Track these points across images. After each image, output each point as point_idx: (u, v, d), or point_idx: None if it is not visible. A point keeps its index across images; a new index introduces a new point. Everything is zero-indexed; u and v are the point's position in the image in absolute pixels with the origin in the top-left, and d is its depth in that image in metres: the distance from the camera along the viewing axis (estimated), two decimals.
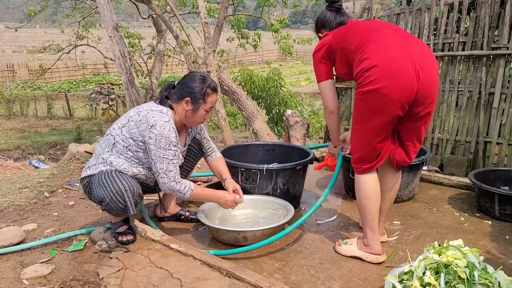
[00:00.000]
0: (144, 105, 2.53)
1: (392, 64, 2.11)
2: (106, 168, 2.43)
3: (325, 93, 2.49)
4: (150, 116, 2.39)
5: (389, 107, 2.15)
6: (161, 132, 2.36)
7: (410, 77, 2.11)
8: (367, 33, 2.28)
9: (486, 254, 2.47)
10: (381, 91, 2.11)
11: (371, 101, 2.17)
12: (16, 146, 11.74)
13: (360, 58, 2.19)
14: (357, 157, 2.36)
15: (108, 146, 2.48)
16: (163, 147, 2.37)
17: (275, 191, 3.01)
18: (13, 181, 3.96)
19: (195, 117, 2.54)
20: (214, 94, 2.54)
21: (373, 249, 2.39)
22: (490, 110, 4.11)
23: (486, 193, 3.01)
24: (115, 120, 2.62)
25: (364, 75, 2.15)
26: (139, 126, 2.41)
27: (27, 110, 16.88)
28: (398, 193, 3.20)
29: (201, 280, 2.09)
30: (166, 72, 23.96)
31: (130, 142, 2.44)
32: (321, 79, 2.49)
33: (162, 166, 2.39)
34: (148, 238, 2.53)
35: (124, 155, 2.46)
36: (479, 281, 1.67)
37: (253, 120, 6.19)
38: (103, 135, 2.76)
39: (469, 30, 4.15)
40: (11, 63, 27.04)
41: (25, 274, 2.23)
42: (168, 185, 2.42)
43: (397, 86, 2.11)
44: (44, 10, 12.20)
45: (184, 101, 2.48)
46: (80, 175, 2.57)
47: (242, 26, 11.82)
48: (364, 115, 2.24)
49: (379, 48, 2.16)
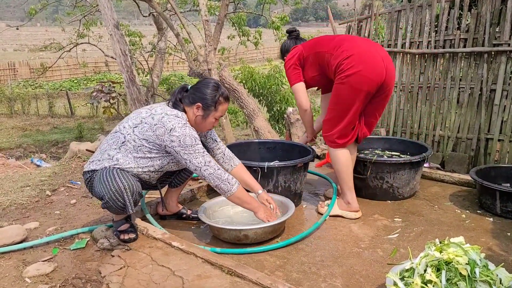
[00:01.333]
0: (157, 108, 2.49)
1: (366, 54, 2.67)
2: (110, 164, 2.42)
3: (299, 94, 3.00)
4: (167, 121, 2.38)
5: (367, 85, 2.66)
6: (183, 132, 2.35)
7: (380, 65, 2.68)
8: (338, 37, 2.87)
9: (488, 251, 2.47)
10: (360, 73, 2.63)
11: (352, 83, 2.65)
12: (17, 144, 11.76)
13: (337, 53, 2.72)
14: (334, 133, 2.82)
15: (117, 143, 2.46)
16: (190, 145, 2.36)
17: (276, 189, 3.01)
18: (15, 179, 3.97)
19: (204, 124, 2.54)
20: (226, 103, 2.56)
21: (352, 207, 2.95)
22: (491, 107, 4.11)
23: (488, 190, 3.00)
24: (120, 118, 2.61)
25: (344, 63, 2.66)
26: (155, 130, 2.39)
27: (29, 108, 16.90)
28: (399, 190, 3.22)
29: (202, 278, 2.10)
30: (167, 70, 23.94)
31: (143, 143, 2.43)
32: (294, 82, 2.99)
33: (200, 160, 2.38)
34: (150, 236, 2.54)
35: (132, 154, 2.44)
36: (480, 278, 1.67)
37: (254, 118, 6.18)
38: (104, 133, 2.76)
39: (470, 26, 4.14)
40: (12, 62, 27.04)
41: (27, 273, 2.24)
42: (215, 174, 2.40)
43: (372, 70, 2.65)
44: (45, 9, 12.18)
45: (195, 106, 2.48)
46: (83, 170, 2.57)
47: (243, 24, 11.80)
48: (345, 96, 2.70)
49: (353, 45, 2.71)
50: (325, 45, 2.84)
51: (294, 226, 2.85)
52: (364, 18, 5.04)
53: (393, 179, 3.20)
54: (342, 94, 2.71)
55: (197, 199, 3.35)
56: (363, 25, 5.04)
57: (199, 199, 3.35)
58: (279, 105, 9.62)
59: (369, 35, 4.95)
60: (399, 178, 3.20)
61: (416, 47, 4.54)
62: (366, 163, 3.20)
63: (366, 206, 3.14)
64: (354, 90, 2.67)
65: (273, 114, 9.81)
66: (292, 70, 2.99)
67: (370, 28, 4.94)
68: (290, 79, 3.02)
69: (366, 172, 3.21)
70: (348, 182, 2.93)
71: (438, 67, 4.41)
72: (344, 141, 2.83)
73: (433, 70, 4.44)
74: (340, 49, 2.71)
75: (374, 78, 2.65)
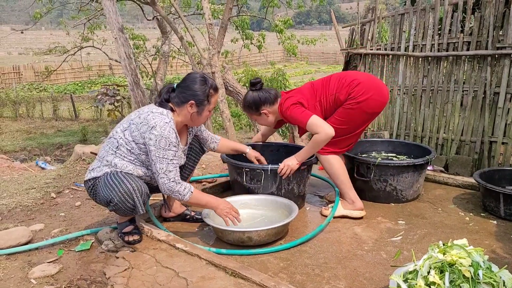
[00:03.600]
0: (145, 108, 2.54)
1: (372, 81, 2.91)
2: (110, 170, 2.45)
3: (321, 122, 2.80)
4: (151, 118, 2.40)
5: (379, 107, 2.92)
6: (161, 133, 2.36)
7: (385, 89, 2.95)
8: (331, 77, 3.01)
9: (491, 254, 2.47)
10: (372, 98, 2.83)
11: (364, 108, 2.84)
12: (22, 147, 11.82)
13: (343, 86, 2.87)
14: (330, 146, 2.92)
15: (112, 149, 2.49)
16: (162, 147, 2.37)
17: (280, 191, 3.02)
18: (20, 182, 3.99)
19: (200, 118, 2.57)
20: (216, 94, 2.58)
21: (357, 206, 3.00)
22: (495, 110, 4.10)
23: (491, 192, 3.00)
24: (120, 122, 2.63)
25: (354, 90, 2.82)
26: (139, 129, 2.42)
27: (33, 111, 16.98)
28: (403, 193, 3.22)
29: (206, 280, 2.11)
30: (171, 73, 24.02)
31: (133, 145, 2.46)
32: (307, 117, 2.81)
33: (162, 166, 2.39)
34: (154, 238, 2.56)
35: (128, 158, 2.47)
36: (483, 280, 1.67)
37: None
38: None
39: (473, 29, 4.15)
40: (17, 65, 27.23)
41: (33, 274, 2.25)
42: (167, 185, 2.41)
43: (380, 93, 2.88)
44: (50, 13, 12.27)
45: (188, 104, 2.48)
46: (84, 179, 2.58)
47: (247, 27, 11.84)
48: (357, 119, 2.89)
49: (356, 75, 2.93)
50: (324, 88, 2.94)
51: (298, 228, 2.86)
52: (367, 21, 5.05)
53: (396, 182, 3.20)
54: (353, 118, 2.87)
55: None
56: (366, 28, 5.05)
57: None
58: None
59: (372, 38, 4.96)
60: (403, 181, 3.20)
61: (420, 50, 4.54)
62: (370, 166, 3.20)
63: (370, 208, 3.14)
64: (366, 114, 2.88)
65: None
66: (297, 110, 2.86)
67: (373, 31, 4.96)
68: (300, 120, 2.85)
69: (369, 175, 3.22)
70: (346, 182, 3.01)
71: (441, 70, 4.42)
72: (334, 151, 2.98)
73: (436, 73, 4.44)
74: (346, 82, 2.87)
75: (383, 100, 2.90)
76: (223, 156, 3.22)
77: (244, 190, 3.07)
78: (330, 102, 2.92)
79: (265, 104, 3.05)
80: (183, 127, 2.67)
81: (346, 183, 3.01)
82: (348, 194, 3.01)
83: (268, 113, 3.07)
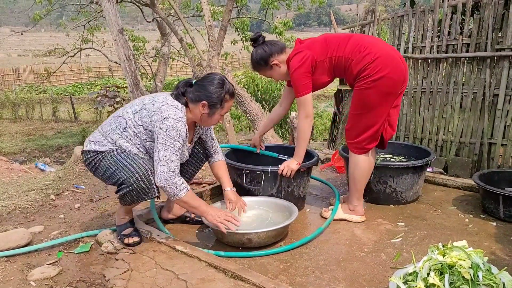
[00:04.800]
0: (160, 96, 2.49)
1: (388, 54, 2.66)
2: (115, 148, 2.42)
3: (307, 105, 2.82)
4: (165, 109, 2.37)
5: (394, 87, 2.68)
6: (173, 125, 2.34)
7: (401, 65, 2.70)
8: (351, 39, 2.75)
9: (491, 256, 2.46)
10: (388, 76, 2.62)
11: (380, 87, 2.64)
12: (21, 149, 11.82)
13: (358, 57, 2.66)
14: (363, 140, 2.77)
15: (119, 128, 2.45)
16: (172, 137, 2.34)
17: (280, 193, 3.02)
18: (20, 184, 3.99)
19: (210, 120, 2.54)
20: (232, 100, 2.55)
21: (358, 212, 2.96)
22: (494, 112, 4.11)
23: (491, 194, 3.00)
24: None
25: (369, 67, 2.62)
26: (151, 116, 2.39)
27: (33, 113, 16.97)
28: (402, 195, 3.22)
29: (206, 282, 2.11)
30: (171, 75, 24.04)
31: (141, 129, 2.43)
32: (304, 92, 2.79)
33: (166, 154, 2.33)
34: (154, 240, 2.55)
35: (133, 141, 2.45)
36: (483, 282, 1.68)
37: (257, 123, 6.20)
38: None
39: (472, 31, 4.15)
40: (16, 67, 27.23)
41: (32, 276, 2.25)
42: (166, 174, 2.31)
43: (396, 71, 2.66)
44: (49, 14, 12.28)
45: (200, 104, 2.46)
46: (83, 148, 2.50)
47: (246, 29, 11.86)
48: (374, 100, 2.67)
49: (375, 47, 2.66)
50: (340, 48, 2.73)
51: (298, 230, 2.86)
52: (367, 23, 5.06)
53: (396, 184, 3.20)
54: (371, 99, 2.68)
55: None
56: (366, 30, 5.06)
57: None
58: None
59: None
60: (402, 183, 3.20)
61: (419, 52, 4.55)
62: None
63: (369, 210, 3.14)
64: (383, 94, 2.67)
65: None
66: (303, 79, 2.77)
67: (373, 33, 4.96)
68: (299, 88, 2.79)
69: (369, 177, 3.21)
70: (360, 191, 2.93)
71: (441, 72, 4.42)
72: (373, 145, 2.83)
73: (436, 75, 4.45)
74: (362, 53, 2.65)
75: (399, 79, 2.68)
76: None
77: (244, 192, 3.07)
78: (341, 65, 2.74)
79: (272, 55, 2.86)
80: (191, 125, 2.63)
81: (359, 191, 2.92)
82: (353, 202, 2.96)
83: (279, 63, 2.87)
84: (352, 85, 2.79)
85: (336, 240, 2.71)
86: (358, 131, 2.78)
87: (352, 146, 2.85)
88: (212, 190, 3.47)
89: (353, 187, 2.93)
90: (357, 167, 2.87)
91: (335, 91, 5.96)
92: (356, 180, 2.90)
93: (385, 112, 2.74)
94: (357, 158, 2.85)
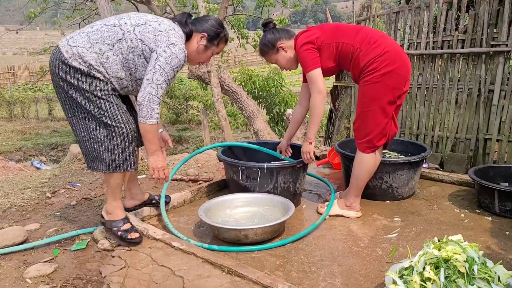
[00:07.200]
0: (166, 20, 2.44)
1: (397, 50, 2.66)
2: (96, 62, 2.27)
3: (320, 78, 2.72)
4: (173, 35, 2.34)
5: (401, 83, 2.67)
6: (177, 54, 2.31)
7: (408, 61, 2.72)
8: (362, 30, 2.73)
9: (486, 250, 2.48)
10: (395, 71, 2.61)
11: (388, 81, 2.62)
12: (17, 148, 11.76)
13: (367, 48, 2.63)
14: (373, 137, 2.75)
15: (112, 39, 2.30)
16: (171, 65, 2.30)
17: (276, 189, 3.03)
18: (15, 182, 3.97)
19: (202, 55, 2.56)
20: (224, 45, 2.64)
21: (354, 208, 2.97)
22: (489, 107, 4.12)
23: (486, 189, 3.02)
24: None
25: (378, 60, 2.60)
26: (157, 35, 2.31)
27: (28, 112, 16.90)
28: (398, 190, 3.23)
29: (203, 278, 2.11)
30: None
31: (138, 44, 2.31)
32: (313, 67, 2.71)
33: (159, 78, 2.27)
34: (150, 237, 2.55)
35: (122, 55, 2.32)
36: (478, 276, 1.68)
37: (253, 120, 6.21)
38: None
39: (468, 27, 4.16)
40: (11, 65, 27.06)
41: (28, 273, 2.25)
42: (152, 97, 2.25)
43: (404, 67, 2.66)
44: (44, 12, 12.21)
45: (200, 35, 2.49)
46: (62, 56, 2.28)
47: (242, 26, 11.83)
48: (382, 96, 2.65)
49: (385, 41, 2.64)
50: (349, 36, 2.70)
51: (294, 226, 2.86)
52: (362, 20, 5.06)
53: (392, 179, 3.21)
54: (378, 94, 2.65)
55: (196, 200, 3.36)
56: None
57: (198, 200, 3.36)
58: (278, 107, 9.65)
59: None
60: (398, 178, 3.21)
61: (415, 48, 4.56)
62: None
63: (365, 206, 3.15)
64: (390, 88, 2.64)
65: (272, 116, 9.84)
66: (311, 54, 2.71)
67: None
68: (307, 63, 2.72)
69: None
70: (361, 189, 2.95)
71: (436, 68, 4.43)
72: (383, 142, 2.82)
73: (431, 71, 4.46)
74: (372, 45, 2.62)
75: (404, 76, 2.68)
76: (219, 155, 3.23)
77: (240, 189, 3.07)
78: (348, 53, 2.70)
79: (280, 39, 2.86)
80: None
81: (360, 189, 2.95)
82: (350, 199, 2.97)
83: (286, 47, 2.86)
84: (357, 79, 2.77)
85: (333, 235, 2.72)
86: (367, 129, 2.75)
87: (363, 145, 2.81)
88: (208, 187, 3.47)
89: (355, 184, 2.93)
90: (363, 166, 2.86)
91: (331, 88, 5.96)
92: (359, 178, 2.90)
93: (392, 106, 2.73)
94: (364, 157, 2.83)
